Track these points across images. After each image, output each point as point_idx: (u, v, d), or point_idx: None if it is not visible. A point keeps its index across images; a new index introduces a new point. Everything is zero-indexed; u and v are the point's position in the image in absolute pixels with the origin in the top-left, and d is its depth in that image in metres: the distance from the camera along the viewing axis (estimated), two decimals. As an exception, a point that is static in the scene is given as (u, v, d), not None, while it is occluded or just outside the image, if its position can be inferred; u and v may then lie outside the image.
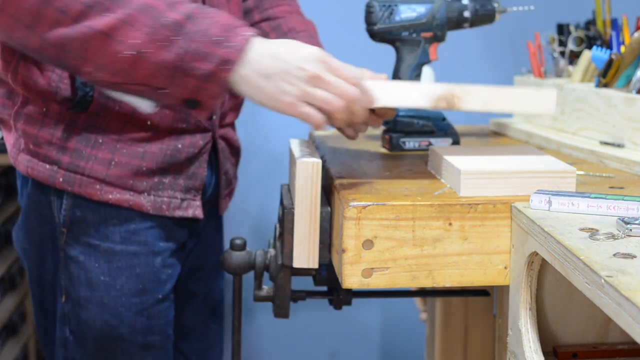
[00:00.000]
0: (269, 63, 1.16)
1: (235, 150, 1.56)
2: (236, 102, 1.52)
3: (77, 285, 1.38)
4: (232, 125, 1.55)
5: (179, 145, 1.38)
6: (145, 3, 1.15)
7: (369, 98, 1.20)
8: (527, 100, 1.25)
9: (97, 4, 1.13)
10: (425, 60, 1.48)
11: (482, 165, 1.18)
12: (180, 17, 1.15)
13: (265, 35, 1.56)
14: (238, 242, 1.36)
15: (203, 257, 1.58)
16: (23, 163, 1.38)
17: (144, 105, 1.20)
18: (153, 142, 1.36)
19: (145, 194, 1.37)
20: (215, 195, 1.54)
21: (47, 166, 1.35)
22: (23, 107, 1.35)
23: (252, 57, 1.16)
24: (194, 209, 1.42)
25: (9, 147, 1.42)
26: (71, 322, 1.40)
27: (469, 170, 1.15)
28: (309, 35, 1.57)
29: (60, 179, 1.35)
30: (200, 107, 1.19)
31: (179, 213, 1.40)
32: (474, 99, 1.23)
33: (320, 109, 1.17)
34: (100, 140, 1.34)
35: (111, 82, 1.18)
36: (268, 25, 1.59)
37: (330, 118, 1.19)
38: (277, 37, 1.56)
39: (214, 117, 1.44)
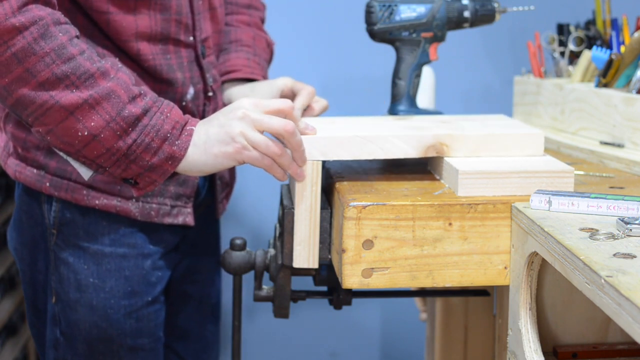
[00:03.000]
0: (205, 137, 1.21)
1: None
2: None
3: (66, 286, 1.38)
4: None
5: None
6: (111, 89, 1.18)
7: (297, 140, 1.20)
8: (515, 144, 1.25)
9: (66, 77, 1.15)
10: (425, 60, 1.48)
11: (480, 165, 1.18)
12: (139, 111, 1.19)
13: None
14: (238, 242, 1.36)
15: (199, 259, 1.58)
16: (12, 167, 1.38)
17: (81, 171, 1.23)
18: None
19: (134, 200, 1.36)
20: (211, 198, 1.53)
21: (35, 171, 1.35)
22: None
23: (191, 151, 1.21)
24: (185, 216, 1.41)
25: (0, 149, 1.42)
26: (61, 323, 1.40)
27: (467, 170, 1.15)
28: (253, 53, 1.58)
29: (47, 184, 1.35)
30: (137, 187, 1.24)
31: (168, 220, 1.40)
32: (463, 147, 1.24)
33: (265, 154, 1.20)
34: None
35: (58, 147, 1.21)
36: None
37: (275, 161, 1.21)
38: (223, 43, 1.57)
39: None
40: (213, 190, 1.53)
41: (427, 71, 1.76)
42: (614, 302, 0.78)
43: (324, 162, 1.27)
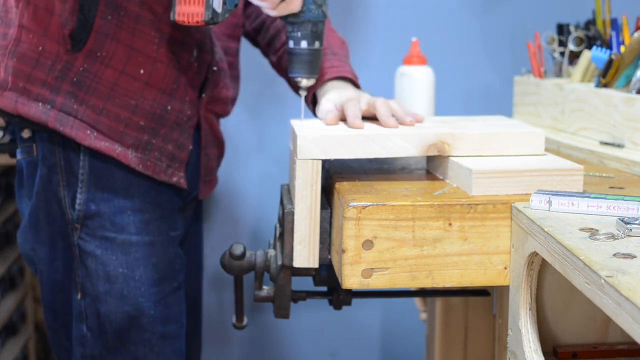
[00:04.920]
0: None
1: (218, 142, 1.57)
2: (226, 92, 1.53)
3: (95, 279, 1.40)
4: (217, 117, 1.55)
5: (169, 107, 1.41)
6: None
7: None
8: (516, 143, 1.25)
9: None
10: None
11: (490, 164, 1.18)
12: None
13: None
14: (238, 252, 1.34)
15: (189, 253, 1.59)
16: (11, 99, 1.37)
17: None
18: (146, 97, 1.39)
19: (132, 149, 1.39)
20: (197, 185, 1.54)
21: (40, 105, 1.36)
22: (16, 45, 1.36)
23: None
24: (178, 178, 1.44)
25: None
26: (88, 319, 1.41)
27: (480, 169, 1.14)
28: (331, 52, 1.53)
29: (53, 119, 1.36)
30: None
31: (164, 177, 1.42)
32: (464, 145, 1.23)
33: None
34: (94, 87, 1.37)
35: None
36: None
37: None
38: None
39: (203, 95, 1.47)
40: (198, 166, 1.54)
41: (426, 71, 1.76)
42: (614, 302, 0.78)
43: (324, 162, 1.27)
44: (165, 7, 1.37)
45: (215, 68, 1.47)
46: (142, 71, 1.38)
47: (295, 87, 1.47)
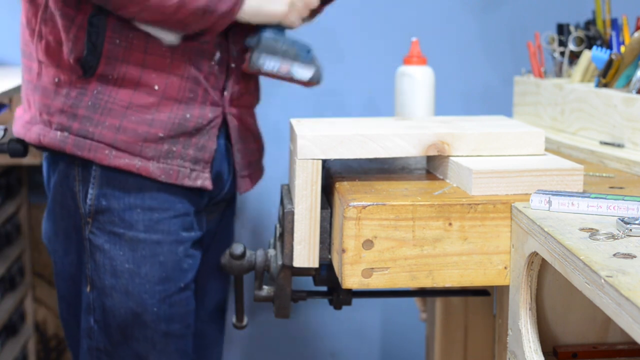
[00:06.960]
0: None
1: (254, 136, 1.57)
2: (248, 85, 1.53)
3: (102, 273, 1.42)
4: (249, 109, 1.55)
5: (187, 115, 1.42)
6: None
7: None
8: (516, 143, 1.25)
9: None
10: None
11: (490, 164, 1.18)
12: None
13: None
14: (238, 252, 1.35)
15: (216, 255, 1.59)
16: (36, 132, 1.42)
17: (168, 38, 1.38)
18: (162, 110, 1.40)
19: (154, 161, 1.40)
20: (232, 192, 1.56)
21: (59, 133, 1.40)
22: (39, 79, 1.41)
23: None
24: (203, 180, 1.45)
25: (20, 125, 1.45)
26: (96, 311, 1.44)
27: (480, 169, 1.14)
28: None
29: (71, 145, 1.39)
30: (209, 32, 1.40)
31: (188, 182, 1.43)
32: (464, 145, 1.24)
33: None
34: (109, 107, 1.39)
35: (151, 21, 1.35)
36: None
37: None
38: None
39: (225, 92, 1.47)
40: (232, 166, 1.54)
41: (426, 71, 1.76)
42: (614, 302, 0.78)
43: (324, 162, 1.27)
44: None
45: (233, 65, 1.48)
46: (156, 87, 1.40)
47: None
